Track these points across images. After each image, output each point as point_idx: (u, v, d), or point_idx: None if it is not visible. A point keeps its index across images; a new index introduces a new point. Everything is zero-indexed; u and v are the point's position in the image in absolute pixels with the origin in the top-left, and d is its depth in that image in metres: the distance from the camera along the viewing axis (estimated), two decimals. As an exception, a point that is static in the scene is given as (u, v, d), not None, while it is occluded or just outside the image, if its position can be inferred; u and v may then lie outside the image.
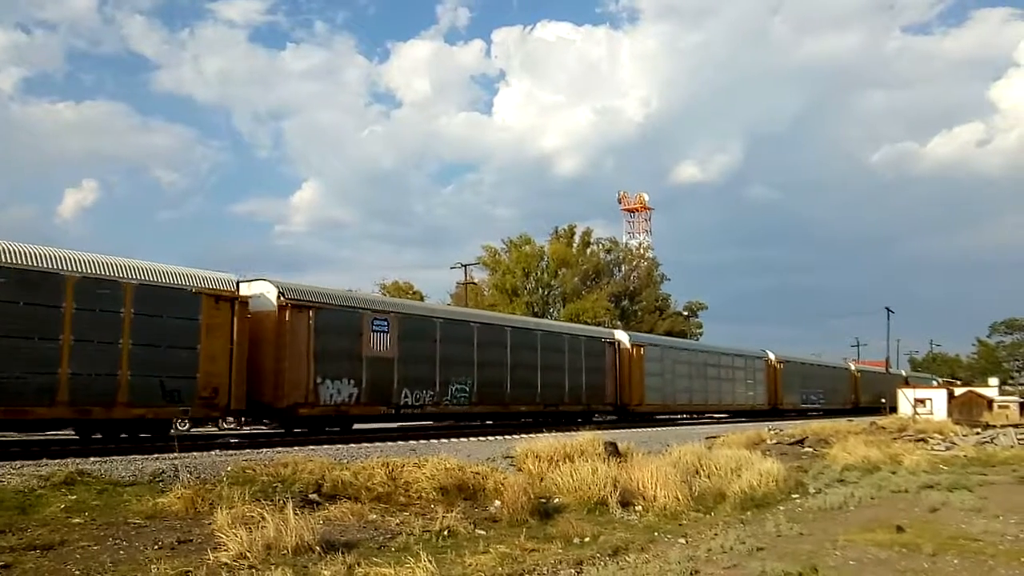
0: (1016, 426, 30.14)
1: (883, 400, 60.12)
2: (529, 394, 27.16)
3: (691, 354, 38.96)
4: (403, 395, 22.10)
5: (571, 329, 32.14)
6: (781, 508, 12.77)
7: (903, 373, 72.13)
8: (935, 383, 69.35)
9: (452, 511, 9.97)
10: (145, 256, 17.74)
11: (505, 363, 26.24)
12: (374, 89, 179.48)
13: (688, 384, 37.26)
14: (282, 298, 19.24)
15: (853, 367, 61.44)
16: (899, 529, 10.62)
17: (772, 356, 46.53)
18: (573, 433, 16.80)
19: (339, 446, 16.46)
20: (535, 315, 55.68)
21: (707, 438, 21.97)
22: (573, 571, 8.04)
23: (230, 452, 14.49)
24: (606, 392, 31.33)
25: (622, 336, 33.90)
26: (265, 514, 8.38)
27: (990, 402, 47.19)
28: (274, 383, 18.91)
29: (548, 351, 28.23)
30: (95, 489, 10.22)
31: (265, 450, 15.01)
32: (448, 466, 12.25)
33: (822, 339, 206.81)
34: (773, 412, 44.28)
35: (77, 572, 7.16)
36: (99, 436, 16.06)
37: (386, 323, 21.81)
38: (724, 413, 41.43)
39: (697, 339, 66.06)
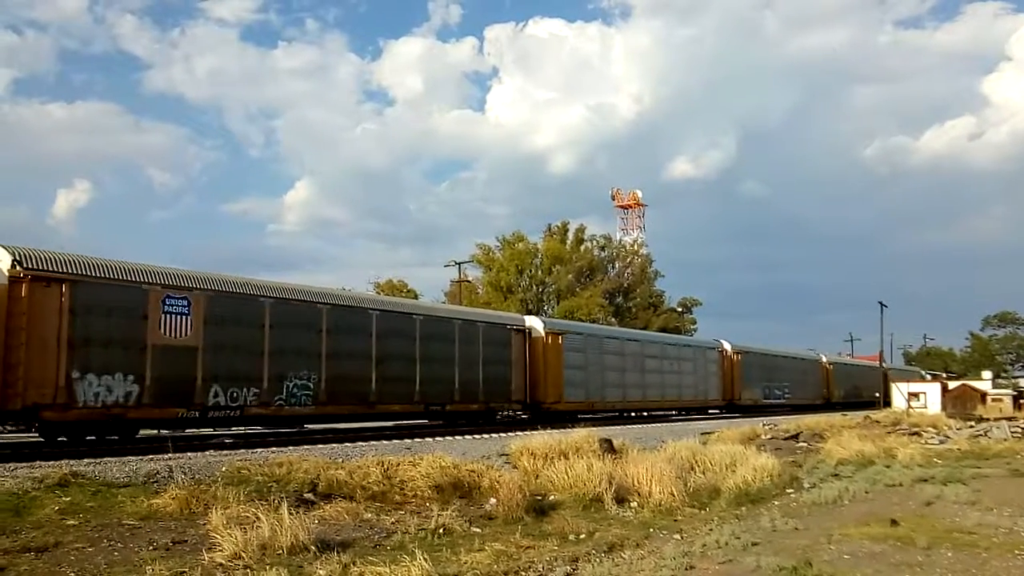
0: (1009, 419, 30.34)
1: (861, 395, 58.83)
2: (404, 391, 22.83)
3: (624, 344, 34.04)
4: (212, 394, 17.89)
5: (464, 314, 27.36)
6: (776, 503, 12.81)
7: (883, 366, 69.54)
8: (924, 377, 68.43)
9: (447, 509, 9.96)
10: (137, 256, 17.42)
11: (369, 354, 21.81)
12: (366, 87, 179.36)
13: (621, 378, 32.82)
14: (18, 267, 15.17)
15: (824, 359, 57.57)
16: (893, 523, 10.64)
17: (728, 346, 42.71)
18: (568, 430, 16.80)
19: (334, 445, 16.45)
20: (529, 312, 55.75)
21: (702, 434, 22.03)
22: (568, 568, 8.04)
23: (225, 452, 14.46)
24: (512, 388, 26.88)
25: (535, 323, 29.22)
26: (260, 514, 8.36)
27: (983, 395, 47.53)
28: (2, 379, 14.90)
29: (432, 340, 23.87)
30: (89, 490, 10.19)
31: (260, 450, 14.98)
32: (443, 464, 12.26)
33: (816, 334, 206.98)
34: (730, 409, 41.40)
35: (72, 574, 7.14)
36: None
37: (186, 303, 17.58)
38: (669, 411, 37.61)
39: (691, 335, 66.08)
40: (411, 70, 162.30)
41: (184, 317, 17.55)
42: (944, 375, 71.52)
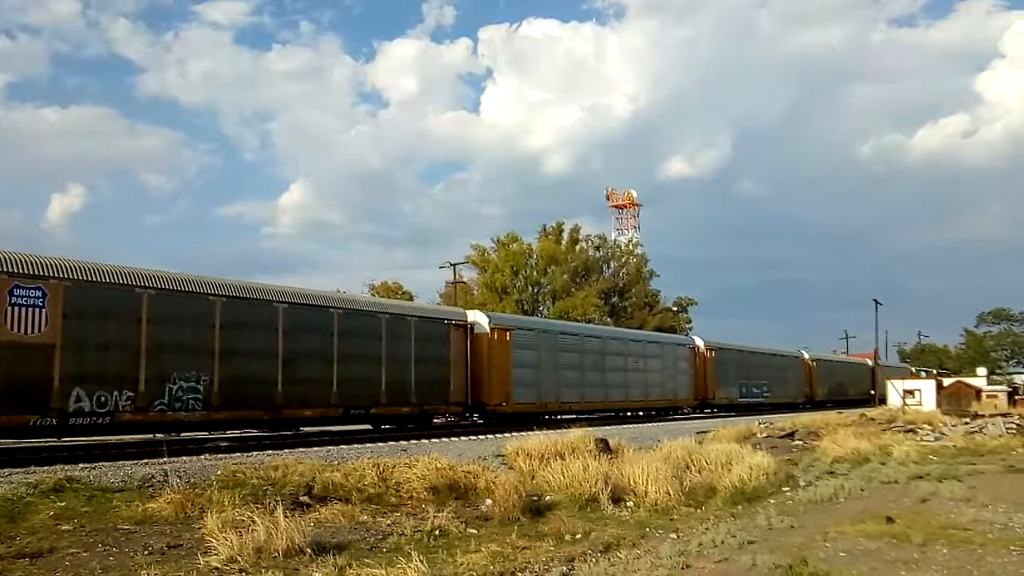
0: (1004, 415, 30.37)
1: (847, 392, 57.54)
2: (319, 394, 20.46)
3: (583, 340, 31.68)
4: (73, 398, 15.71)
5: (393, 308, 24.49)
6: (772, 501, 12.84)
7: (868, 362, 67.61)
8: (915, 373, 67.08)
9: (443, 511, 9.98)
10: (132, 261, 17.20)
11: (275, 352, 19.43)
12: (361, 89, 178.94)
13: (578, 377, 30.50)
14: None
15: (807, 355, 54.47)
16: (889, 520, 10.67)
17: (700, 343, 40.78)
18: (564, 430, 16.81)
19: (329, 448, 16.43)
20: (524, 313, 55.68)
21: (697, 433, 22.05)
22: (564, 568, 8.04)
23: (220, 456, 14.42)
24: (451, 389, 24.34)
25: (479, 318, 26.55)
26: (256, 517, 8.35)
27: (978, 392, 47.50)
28: None
29: (354, 336, 21.51)
30: (84, 496, 10.16)
31: (255, 453, 14.95)
32: (439, 466, 12.25)
33: (812, 333, 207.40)
34: (703, 408, 39.65)
35: (66, 579, 7.12)
36: None
37: (40, 293, 15.42)
38: (636, 411, 35.22)
39: (687, 334, 66.11)
40: (405, 72, 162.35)
41: (37, 310, 15.37)
42: (935, 372, 71.04)
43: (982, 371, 60.92)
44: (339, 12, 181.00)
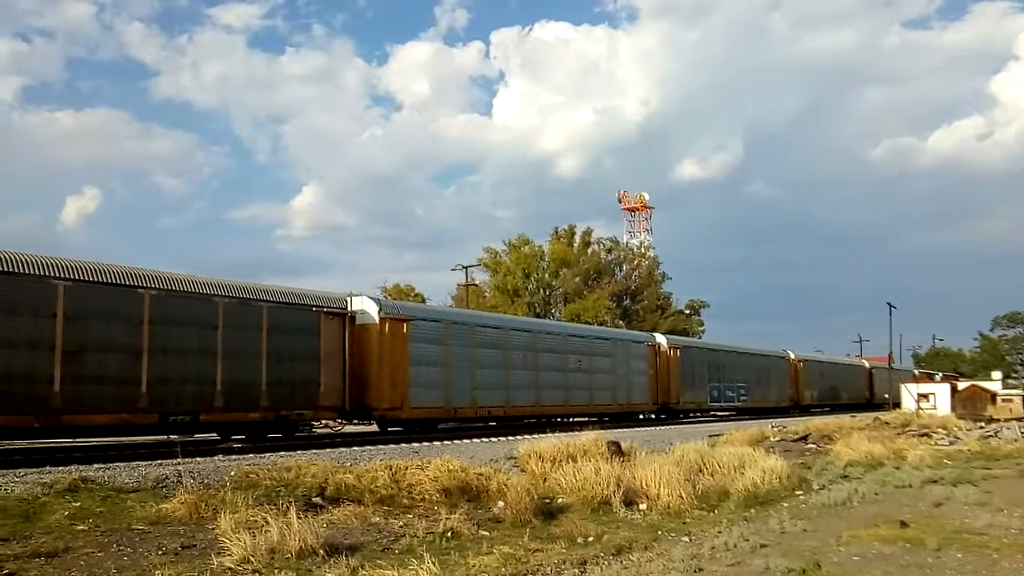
0: (1020, 420, 30.17)
1: (839, 396, 53.71)
2: (119, 395, 16.27)
3: (509, 334, 27.09)
4: None
5: (237, 289, 19.01)
6: (785, 505, 12.78)
7: (865, 364, 64.07)
8: (925, 376, 65.47)
9: (455, 513, 9.98)
10: (145, 263, 16.79)
11: (51, 343, 15.25)
12: (373, 92, 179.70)
13: (502, 378, 26.13)
14: None
15: (793, 355, 49.84)
16: (903, 524, 10.61)
17: (663, 340, 36.72)
18: (576, 433, 16.79)
19: (342, 449, 16.48)
20: (536, 316, 55.60)
21: (710, 436, 21.99)
22: (577, 571, 8.05)
23: (233, 457, 14.49)
24: (321, 391, 20.11)
25: (366, 305, 22.11)
26: (269, 518, 8.40)
27: (993, 396, 47.18)
28: None
29: (175, 324, 17.07)
30: (99, 496, 10.23)
31: (268, 455, 15.01)
32: (451, 468, 12.25)
33: (826, 336, 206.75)
34: (665, 414, 35.48)
35: (81, 579, 7.17)
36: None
37: None
38: (579, 416, 29.56)
39: (700, 336, 65.85)
40: (418, 75, 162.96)
41: None
42: (939, 375, 69.91)
43: (997, 375, 60.44)
44: (352, 15, 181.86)
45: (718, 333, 75.43)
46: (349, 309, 21.43)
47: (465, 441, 20.00)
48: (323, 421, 23.10)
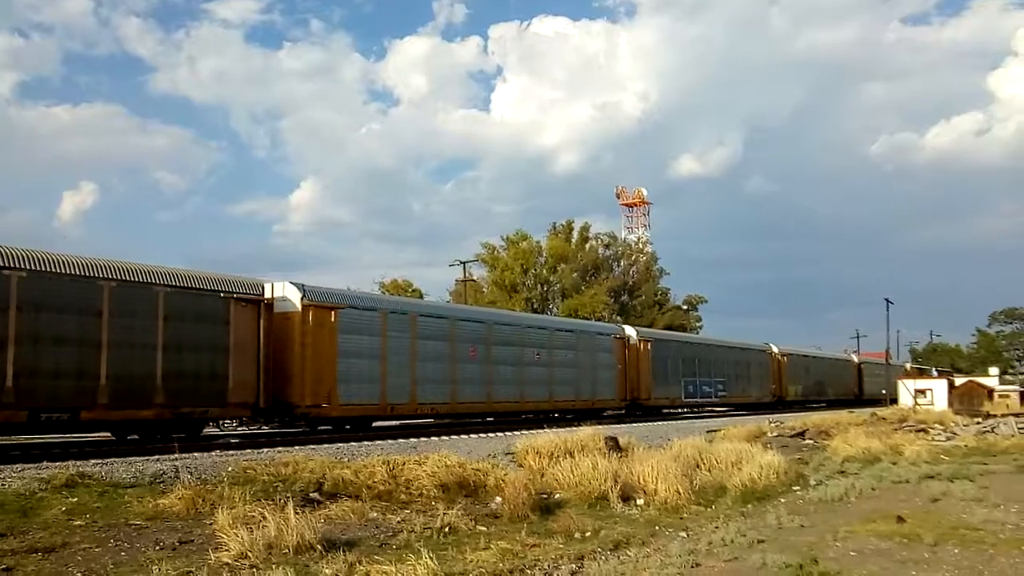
0: (1017, 415, 30.20)
1: (826, 392, 52.27)
2: None
3: (454, 325, 24.83)
4: None
5: (128, 271, 16.56)
6: (782, 500, 12.81)
7: (855, 359, 62.49)
8: (907, 371, 64.11)
9: (453, 508, 9.99)
10: (147, 258, 16.64)
11: None
12: (371, 87, 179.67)
13: (446, 373, 24.01)
14: None
15: (776, 349, 47.48)
16: (900, 519, 10.63)
17: (632, 332, 34.33)
18: (574, 428, 16.80)
19: (340, 445, 16.47)
20: (534, 311, 55.60)
21: (708, 432, 22.02)
22: (574, 566, 8.05)
23: (231, 452, 14.49)
24: (230, 385, 18.01)
25: (289, 292, 19.93)
26: (266, 513, 8.39)
27: (990, 392, 47.24)
28: None
29: (48, 310, 15.08)
30: (96, 491, 10.23)
31: (266, 450, 15.01)
32: (449, 463, 12.26)
33: (824, 331, 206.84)
34: (634, 411, 33.29)
35: (79, 574, 7.17)
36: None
37: None
38: (536, 414, 28.07)
39: (696, 332, 65.87)
40: (416, 70, 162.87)
41: None
42: (935, 371, 69.63)
43: (994, 371, 60.56)
44: (350, 10, 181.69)
45: (716, 329, 75.38)
46: (266, 296, 19.26)
47: (463, 436, 20.01)
48: (231, 420, 20.88)
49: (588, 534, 9.61)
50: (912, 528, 10.05)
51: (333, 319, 20.54)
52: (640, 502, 11.93)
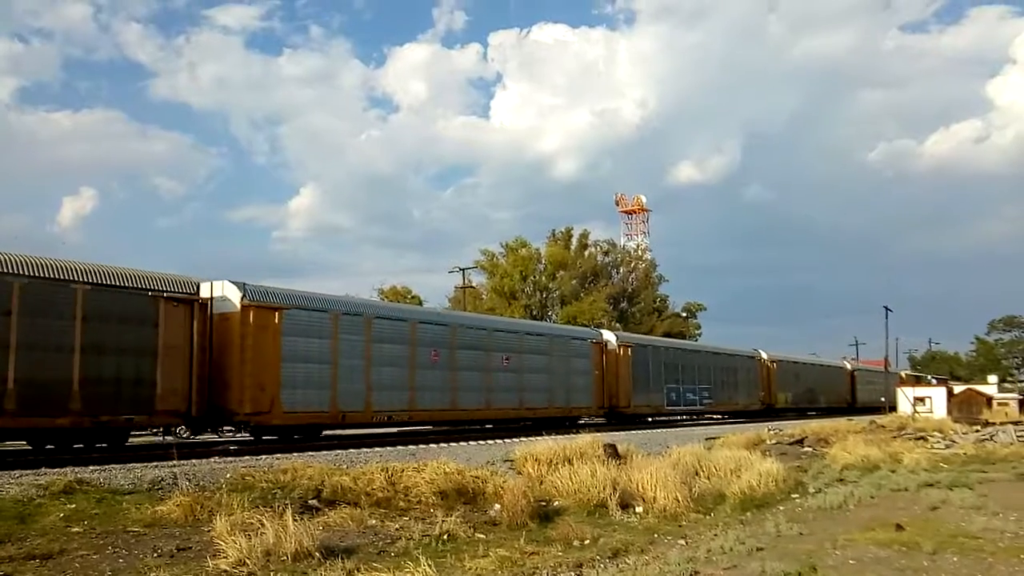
0: (1016, 423, 30.21)
1: (817, 399, 50.99)
2: None
3: (415, 328, 23.38)
4: None
5: (40, 266, 15.12)
6: (781, 508, 12.79)
7: (848, 366, 61.01)
8: (903, 378, 63.30)
9: (451, 515, 9.97)
10: (145, 263, 16.58)
11: None
12: (371, 93, 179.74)
13: (404, 378, 22.55)
14: None
15: (765, 355, 46.09)
16: (899, 528, 10.62)
17: (611, 337, 33.05)
18: (573, 436, 16.78)
19: (338, 451, 16.46)
20: (533, 318, 55.56)
21: (707, 439, 22.00)
22: (573, 574, 8.05)
23: (229, 459, 14.49)
24: (158, 392, 16.48)
25: (228, 292, 18.59)
26: (264, 521, 8.38)
27: (989, 400, 47.26)
28: None
29: None
30: (94, 498, 10.20)
31: (264, 456, 15.00)
32: (447, 470, 12.25)
33: (823, 339, 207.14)
34: (613, 419, 31.68)
35: (76, 581, 7.15)
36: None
37: None
38: (506, 422, 27.17)
39: (695, 339, 65.86)
40: (416, 76, 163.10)
41: None
42: (929, 378, 69.32)
43: (993, 379, 60.53)
44: (349, 17, 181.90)
45: (715, 336, 75.38)
46: (202, 295, 17.94)
47: (461, 443, 19.99)
48: (156, 428, 19.35)
49: (587, 542, 9.60)
50: (911, 536, 10.04)
51: (277, 320, 19.15)
52: (639, 509, 11.91)
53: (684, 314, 74.10)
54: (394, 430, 24.26)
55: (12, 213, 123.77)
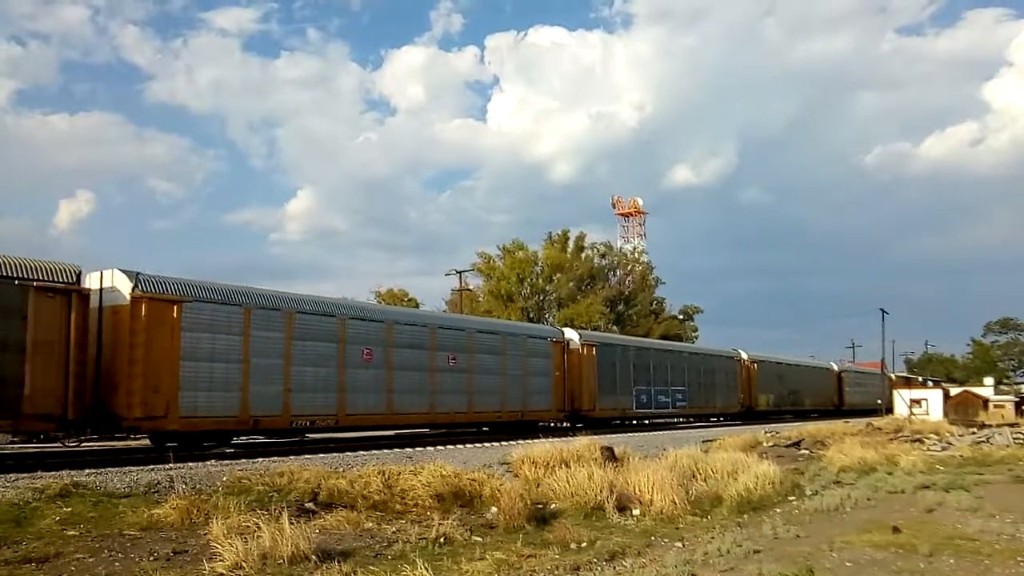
0: (1012, 425, 30.27)
1: (802, 402, 49.56)
2: None
3: (344, 324, 21.33)
4: None
5: None
6: (778, 510, 12.79)
7: (835, 367, 58.89)
8: (897, 378, 63.11)
9: (448, 518, 9.96)
10: (142, 267, 16.70)
11: None
12: (368, 96, 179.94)
13: (332, 380, 20.70)
14: None
15: (745, 355, 44.19)
16: (895, 530, 10.63)
17: (574, 336, 31.08)
18: (570, 438, 16.78)
19: (335, 455, 16.45)
20: (531, 320, 55.57)
21: (703, 441, 22.01)
22: (570, 576, 8.04)
23: (225, 462, 14.47)
24: (24, 394, 14.72)
25: (117, 282, 16.99)
26: (261, 523, 8.36)
27: (985, 402, 47.44)
28: None
29: None
30: (90, 501, 10.19)
31: (261, 460, 14.98)
32: (444, 473, 12.24)
33: (820, 341, 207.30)
34: (576, 422, 29.48)
35: (72, 585, 7.14)
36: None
37: None
38: (451, 427, 25.34)
39: (693, 342, 65.82)
40: (413, 79, 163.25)
41: None
42: (921, 380, 69.13)
43: (989, 381, 60.70)
44: (347, 20, 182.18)
45: (712, 339, 75.38)
46: (85, 285, 16.19)
47: (458, 446, 19.97)
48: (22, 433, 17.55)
49: (584, 544, 9.59)
50: (908, 538, 10.05)
51: (175, 314, 17.35)
52: (636, 512, 11.91)
53: (681, 316, 74.19)
54: (392, 433, 24.22)
55: (12, 216, 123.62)
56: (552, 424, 29.66)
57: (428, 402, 23.76)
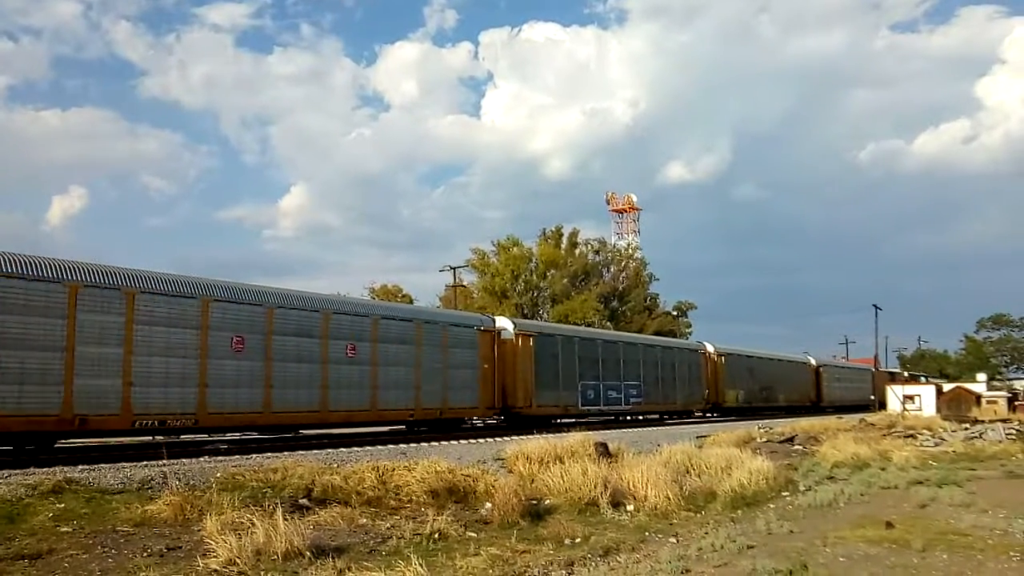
0: (1004, 421, 30.39)
1: (776, 398, 46.81)
2: None
3: (205, 308, 17.93)
4: None
5: None
6: (771, 506, 12.83)
7: (812, 361, 55.35)
8: (879, 373, 62.83)
9: (443, 514, 9.96)
10: (135, 263, 16.38)
11: None
12: (361, 92, 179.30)
13: (192, 372, 17.53)
14: None
15: (712, 348, 41.19)
16: (889, 525, 10.67)
17: (508, 325, 27.74)
18: (563, 434, 16.79)
19: (329, 450, 16.40)
20: (524, 317, 55.59)
21: (697, 437, 22.05)
22: (564, 572, 8.05)
23: (219, 458, 14.41)
24: None
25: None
26: (255, 520, 8.35)
27: (978, 398, 47.58)
28: None
29: None
30: (83, 497, 10.15)
31: (255, 456, 14.93)
32: (438, 469, 12.25)
33: (813, 337, 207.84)
34: (509, 420, 26.90)
35: (65, 581, 7.11)
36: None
37: None
38: (333, 425, 21.48)
39: (686, 339, 65.89)
40: (406, 75, 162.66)
41: None
42: (905, 375, 69.01)
43: (982, 377, 60.87)
44: (340, 15, 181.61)
45: (705, 335, 75.46)
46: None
47: (453, 442, 19.94)
48: None
49: (578, 540, 9.61)
50: (901, 534, 10.08)
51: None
52: (630, 508, 11.93)
53: (675, 313, 74.21)
54: (384, 429, 24.07)
55: (4, 212, 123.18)
56: (482, 422, 27.29)
57: (318, 397, 20.44)
